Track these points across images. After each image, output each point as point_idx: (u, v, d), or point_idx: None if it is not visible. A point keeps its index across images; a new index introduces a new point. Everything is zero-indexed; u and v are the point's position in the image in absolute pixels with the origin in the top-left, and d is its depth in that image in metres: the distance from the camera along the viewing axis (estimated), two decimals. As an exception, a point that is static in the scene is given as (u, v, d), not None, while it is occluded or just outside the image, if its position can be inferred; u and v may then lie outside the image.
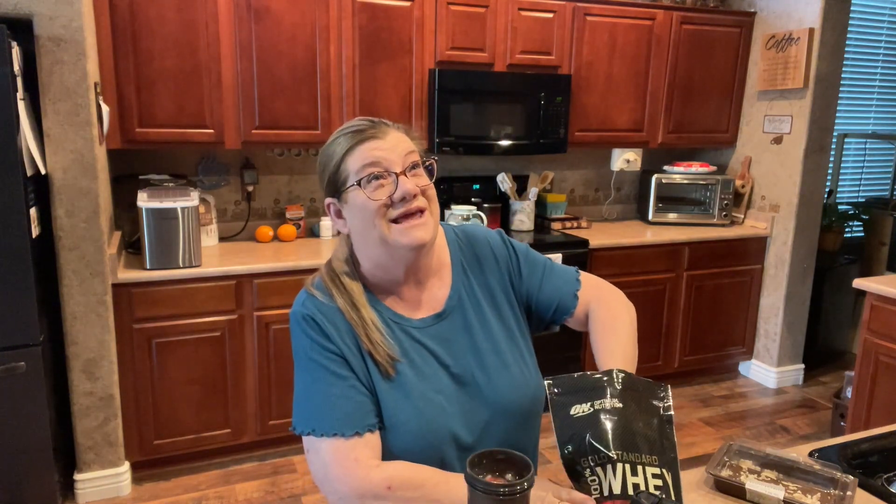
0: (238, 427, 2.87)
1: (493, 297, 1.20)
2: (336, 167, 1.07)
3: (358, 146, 1.05)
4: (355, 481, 1.00)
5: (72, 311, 2.47)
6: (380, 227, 1.05)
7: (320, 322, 1.07)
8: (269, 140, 2.96)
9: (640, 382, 1.01)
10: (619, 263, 3.47)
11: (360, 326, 1.07)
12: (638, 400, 0.98)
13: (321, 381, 1.05)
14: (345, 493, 1.01)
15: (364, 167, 1.04)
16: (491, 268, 1.22)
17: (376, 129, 1.06)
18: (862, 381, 2.76)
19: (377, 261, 1.11)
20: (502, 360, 1.15)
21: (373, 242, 1.08)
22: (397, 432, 1.05)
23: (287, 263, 2.82)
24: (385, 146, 1.05)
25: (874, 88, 4.44)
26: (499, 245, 1.25)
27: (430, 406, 1.07)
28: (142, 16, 2.65)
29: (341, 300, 1.09)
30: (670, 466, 0.94)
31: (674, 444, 0.97)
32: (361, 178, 1.04)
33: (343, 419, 1.02)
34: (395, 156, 1.05)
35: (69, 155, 2.38)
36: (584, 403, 0.97)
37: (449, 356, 1.12)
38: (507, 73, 3.30)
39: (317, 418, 1.03)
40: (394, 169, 1.04)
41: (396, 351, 1.09)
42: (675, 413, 1.00)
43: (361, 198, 1.05)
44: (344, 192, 1.07)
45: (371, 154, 1.04)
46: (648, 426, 0.96)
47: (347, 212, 1.08)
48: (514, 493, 0.89)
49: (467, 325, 1.16)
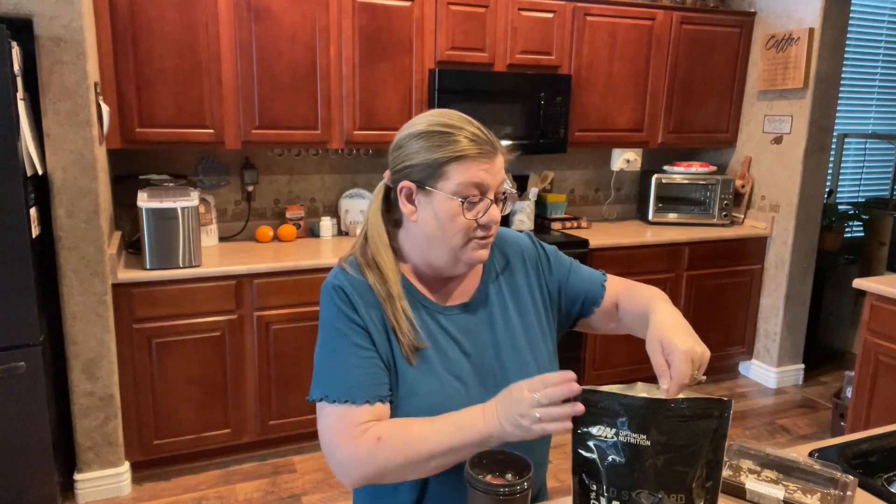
0: (238, 427, 2.87)
1: (518, 297, 1.24)
2: (436, 162, 1.06)
3: (472, 160, 1.05)
4: (352, 446, 1.02)
5: (72, 311, 2.47)
6: (458, 239, 1.09)
7: (349, 293, 1.10)
8: (269, 140, 2.96)
9: (691, 405, 0.90)
10: (619, 263, 3.46)
11: (387, 304, 1.10)
12: (675, 430, 0.89)
13: (342, 349, 1.08)
14: (344, 459, 1.03)
15: (469, 184, 1.05)
16: (519, 268, 1.26)
17: (492, 147, 1.08)
18: (862, 381, 2.76)
19: (431, 259, 1.14)
20: (521, 357, 1.18)
21: (439, 245, 1.11)
22: (414, 406, 1.08)
23: (287, 263, 2.82)
24: (492, 170, 1.07)
25: (874, 88, 4.43)
26: (528, 246, 1.30)
27: (450, 386, 1.10)
28: (142, 16, 2.65)
29: (373, 278, 1.12)
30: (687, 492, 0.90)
31: (718, 462, 0.91)
32: (464, 195, 1.06)
33: (356, 387, 1.05)
34: (495, 183, 1.08)
35: (69, 155, 2.38)
36: (609, 428, 0.91)
37: (471, 346, 1.15)
38: (507, 73, 3.30)
39: (331, 385, 1.06)
40: (490, 196, 1.08)
41: (422, 332, 1.12)
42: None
43: (454, 210, 1.07)
44: (432, 190, 1.07)
45: (480, 175, 1.06)
46: (679, 460, 0.89)
47: (425, 207, 1.09)
48: (514, 493, 0.89)
49: (491, 320, 1.19)
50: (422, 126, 1.09)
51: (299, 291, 2.83)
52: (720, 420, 0.90)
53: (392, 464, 1.00)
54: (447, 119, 1.08)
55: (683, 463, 0.89)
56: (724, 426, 0.90)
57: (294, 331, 2.85)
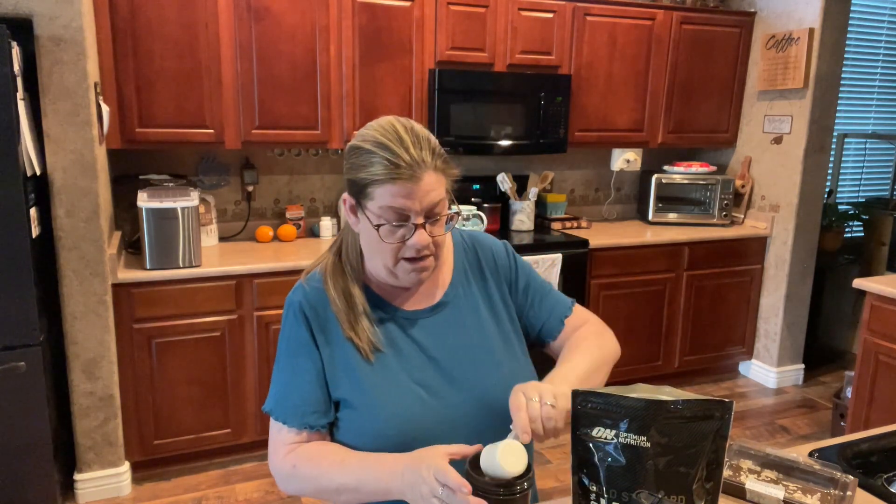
0: (238, 427, 2.87)
1: (490, 300, 1.22)
2: (361, 181, 1.03)
3: (389, 183, 1.00)
4: (278, 463, 1.10)
5: (72, 311, 2.47)
6: (386, 258, 1.07)
7: (303, 309, 1.12)
8: (269, 140, 2.96)
9: (691, 406, 0.90)
10: (619, 263, 3.47)
11: (343, 314, 1.11)
12: (676, 431, 0.89)
13: (286, 369, 1.13)
14: (273, 470, 1.12)
15: (387, 209, 1.01)
16: (492, 274, 1.24)
17: (414, 170, 1.00)
18: (862, 381, 2.76)
19: (373, 271, 1.14)
20: (494, 359, 1.16)
21: (374, 260, 1.10)
22: (371, 415, 1.08)
23: (287, 263, 2.82)
24: (416, 194, 1.01)
25: (874, 88, 4.43)
26: (502, 255, 1.27)
27: (408, 395, 1.09)
28: (142, 16, 2.65)
29: (333, 288, 1.12)
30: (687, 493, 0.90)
31: (719, 463, 0.91)
32: (381, 220, 1.02)
33: (291, 409, 1.10)
34: (420, 206, 1.02)
35: (69, 155, 2.38)
36: (608, 430, 0.91)
37: (438, 350, 1.13)
38: (507, 73, 3.30)
39: (273, 401, 1.12)
40: (414, 220, 1.03)
41: (381, 339, 1.11)
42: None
43: (374, 231, 1.04)
44: (361, 207, 1.06)
45: (397, 201, 1.00)
46: (679, 461, 0.89)
47: (361, 223, 1.08)
48: (514, 493, 0.89)
49: (461, 322, 1.17)
50: (357, 139, 1.05)
51: (299, 291, 2.83)
52: (721, 421, 0.90)
53: (306, 489, 1.09)
54: (379, 135, 1.02)
55: (684, 464, 0.89)
56: (724, 427, 0.90)
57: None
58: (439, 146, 1.06)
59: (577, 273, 3.34)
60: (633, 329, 3.57)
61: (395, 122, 1.05)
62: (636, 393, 0.93)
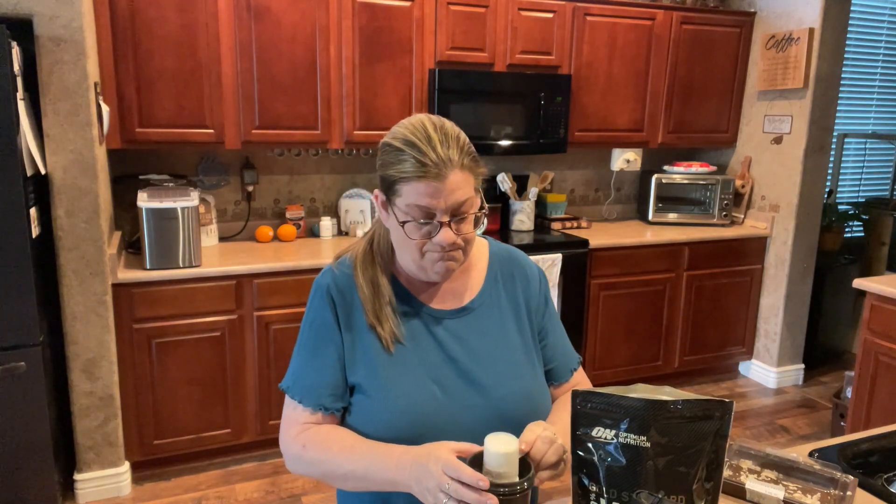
0: (238, 427, 2.87)
1: (518, 315, 1.21)
2: (390, 178, 1.05)
3: (415, 181, 1.02)
4: (289, 442, 1.11)
5: (72, 311, 2.47)
6: (413, 253, 1.08)
7: (331, 292, 1.14)
8: (269, 140, 2.96)
9: (691, 406, 0.90)
10: (619, 263, 3.47)
11: (369, 302, 1.12)
12: (676, 431, 0.89)
13: (306, 349, 1.14)
14: (283, 448, 1.13)
15: (413, 206, 1.03)
16: (523, 287, 1.24)
17: (440, 169, 1.01)
18: (862, 381, 2.76)
19: (402, 264, 1.14)
20: (516, 371, 1.15)
21: (403, 254, 1.11)
22: (383, 405, 1.08)
23: (287, 263, 2.82)
24: (441, 192, 1.02)
25: (874, 88, 4.43)
26: (535, 278, 1.26)
27: (422, 390, 1.09)
28: (142, 16, 2.65)
29: (362, 275, 1.14)
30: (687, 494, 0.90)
31: (719, 463, 0.91)
32: (408, 217, 1.04)
33: (308, 389, 1.12)
34: (446, 204, 1.03)
35: (69, 155, 2.38)
36: (608, 430, 0.91)
37: (459, 351, 1.14)
38: (507, 73, 3.30)
39: (291, 379, 1.14)
40: (440, 218, 1.04)
41: (403, 332, 1.12)
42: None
43: (401, 227, 1.06)
44: (390, 203, 1.07)
45: (423, 199, 1.02)
46: (679, 461, 0.89)
47: (390, 218, 1.09)
48: (514, 493, 0.89)
49: (486, 329, 1.17)
50: (389, 136, 1.08)
51: (299, 291, 2.83)
52: (721, 421, 0.90)
53: (313, 472, 1.10)
54: (409, 133, 1.04)
55: (684, 464, 0.89)
56: (724, 427, 0.90)
57: (294, 331, 2.85)
58: (469, 144, 1.07)
59: (577, 273, 3.34)
60: (633, 329, 3.57)
61: (426, 120, 1.07)
62: (636, 393, 0.93)
